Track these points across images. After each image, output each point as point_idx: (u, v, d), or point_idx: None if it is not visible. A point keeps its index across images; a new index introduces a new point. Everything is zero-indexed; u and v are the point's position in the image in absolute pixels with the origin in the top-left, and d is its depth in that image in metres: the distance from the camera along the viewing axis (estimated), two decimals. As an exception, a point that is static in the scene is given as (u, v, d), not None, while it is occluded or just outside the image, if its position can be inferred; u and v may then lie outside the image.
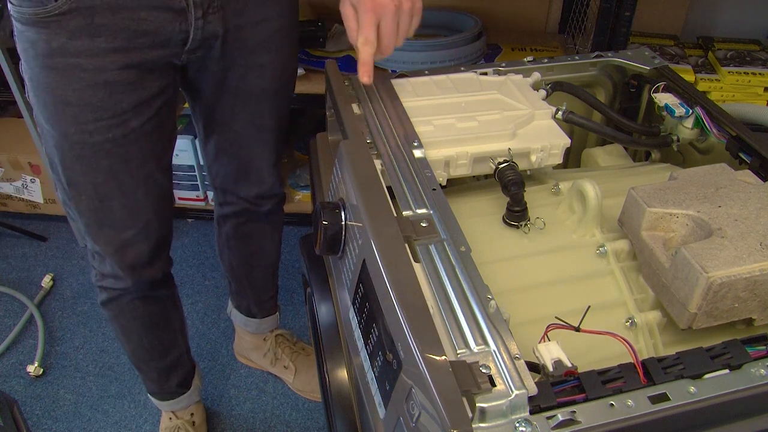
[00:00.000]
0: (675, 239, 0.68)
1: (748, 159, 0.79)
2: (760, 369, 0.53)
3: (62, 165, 0.92)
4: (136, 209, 0.98)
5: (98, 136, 0.88)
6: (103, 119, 0.87)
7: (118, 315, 1.16)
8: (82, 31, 0.81)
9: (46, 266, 1.89)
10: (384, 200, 0.64)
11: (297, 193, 1.99)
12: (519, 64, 0.98)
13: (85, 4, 0.79)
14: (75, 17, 0.80)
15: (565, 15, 1.90)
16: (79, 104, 0.85)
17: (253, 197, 1.21)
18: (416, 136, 0.77)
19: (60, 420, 1.48)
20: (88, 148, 0.89)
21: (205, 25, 0.89)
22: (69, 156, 0.91)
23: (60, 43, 0.81)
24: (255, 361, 1.58)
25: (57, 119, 0.87)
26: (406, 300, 0.54)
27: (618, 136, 0.91)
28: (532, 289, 0.71)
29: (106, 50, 0.83)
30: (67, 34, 0.81)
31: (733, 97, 1.62)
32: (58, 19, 0.79)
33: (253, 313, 1.47)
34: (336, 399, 0.82)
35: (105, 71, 0.84)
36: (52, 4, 0.78)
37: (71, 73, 0.83)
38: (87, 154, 0.90)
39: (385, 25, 0.75)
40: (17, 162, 1.87)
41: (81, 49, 0.82)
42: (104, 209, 0.96)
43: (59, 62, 0.83)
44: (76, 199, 0.95)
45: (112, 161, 0.92)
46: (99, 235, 1.00)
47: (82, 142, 0.89)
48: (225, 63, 0.97)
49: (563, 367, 0.53)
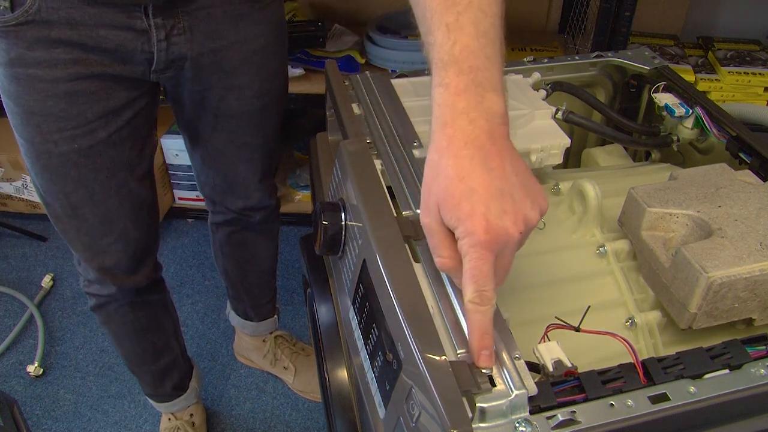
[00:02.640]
0: (675, 239, 0.68)
1: (748, 159, 0.79)
2: (760, 369, 0.52)
3: (33, 172, 0.92)
4: (110, 217, 0.97)
5: (63, 146, 0.87)
6: (67, 129, 0.86)
7: (107, 321, 1.15)
8: (39, 42, 0.80)
9: (46, 266, 1.89)
10: (384, 200, 0.64)
11: (297, 193, 1.98)
12: (519, 64, 0.98)
13: (42, 17, 0.78)
14: (32, 29, 0.79)
15: (565, 15, 1.90)
16: (42, 114, 0.85)
17: (241, 209, 1.20)
18: (416, 136, 0.77)
19: (60, 420, 1.48)
20: (55, 158, 0.88)
21: (169, 47, 0.87)
22: (37, 165, 0.90)
23: (18, 53, 0.81)
24: (255, 362, 1.58)
25: (23, 128, 0.87)
26: (406, 300, 0.54)
27: (618, 136, 0.91)
28: (532, 289, 0.71)
29: (65, 61, 0.82)
30: (25, 45, 0.80)
31: (733, 97, 1.62)
32: (15, 29, 0.79)
33: (250, 317, 1.47)
34: (336, 399, 0.82)
35: (63, 82, 0.83)
36: (9, 15, 0.78)
37: (30, 83, 0.83)
38: (54, 164, 0.89)
39: (502, 262, 0.50)
40: (17, 162, 1.87)
41: (38, 60, 0.81)
42: (77, 217, 0.95)
43: (19, 72, 0.82)
44: (51, 206, 0.95)
45: (81, 171, 0.90)
46: (75, 241, 0.99)
47: (48, 152, 0.88)
48: (202, 84, 0.96)
49: (563, 367, 0.52)
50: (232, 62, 0.95)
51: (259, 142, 1.08)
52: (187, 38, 0.88)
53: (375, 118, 0.82)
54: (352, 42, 1.66)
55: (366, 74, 0.93)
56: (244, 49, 0.95)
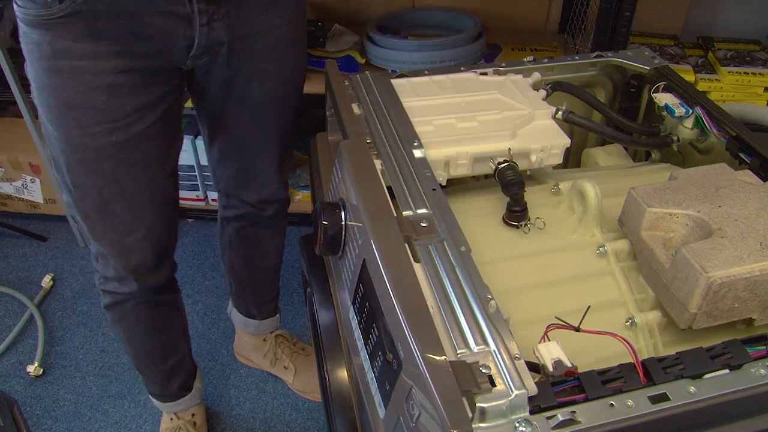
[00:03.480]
0: (675, 239, 0.68)
1: (748, 159, 0.79)
2: (760, 369, 0.52)
3: (66, 167, 0.92)
4: (140, 213, 0.98)
5: (101, 140, 0.88)
6: (106, 122, 0.87)
7: (121, 319, 1.15)
8: (86, 34, 0.81)
9: (46, 266, 1.89)
10: (384, 200, 0.64)
11: (297, 193, 1.98)
12: (519, 64, 0.98)
13: (89, 8, 0.79)
14: (78, 20, 0.80)
15: (565, 15, 1.90)
16: (82, 107, 0.85)
17: (256, 201, 1.21)
18: (416, 136, 0.77)
19: (60, 420, 1.48)
20: (91, 151, 0.89)
21: (210, 31, 0.89)
22: (72, 159, 0.90)
23: (63, 45, 0.81)
24: (255, 362, 1.58)
25: (60, 122, 0.87)
26: (406, 300, 0.54)
27: (618, 136, 0.91)
28: (532, 289, 0.71)
29: (109, 53, 0.83)
30: (71, 37, 0.81)
31: (733, 97, 1.62)
32: (62, 21, 0.79)
33: (253, 315, 1.47)
34: (336, 399, 0.82)
35: (107, 74, 0.84)
36: (57, 6, 0.78)
37: (74, 75, 0.83)
38: (90, 158, 0.90)
39: None
40: (17, 162, 1.87)
41: (84, 52, 0.82)
42: (108, 213, 0.96)
43: (62, 64, 0.83)
44: (81, 202, 0.95)
45: (115, 165, 0.91)
46: (103, 238, 0.99)
47: (85, 146, 0.89)
48: (231, 70, 0.97)
49: (563, 367, 0.52)
50: (261, 48, 0.97)
51: (278, 130, 1.11)
52: (225, 23, 0.90)
53: (375, 118, 0.82)
54: (352, 42, 1.66)
55: (366, 74, 0.93)
56: (271, 35, 0.97)
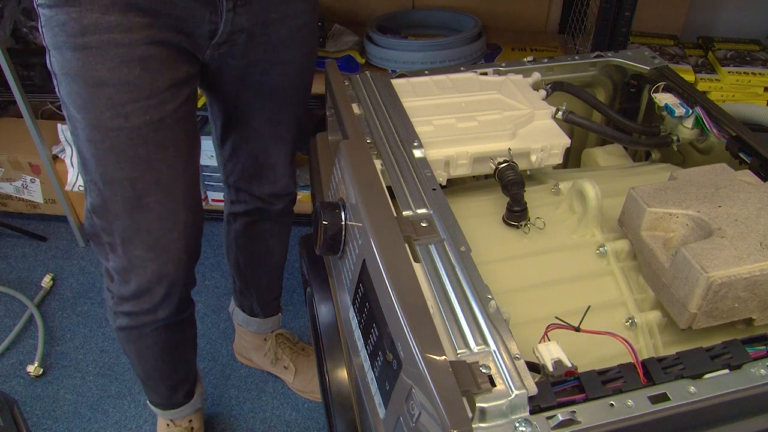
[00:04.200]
0: (675, 239, 0.68)
1: (748, 159, 0.79)
2: (760, 369, 0.53)
3: (95, 159, 0.88)
4: (174, 208, 0.94)
5: (135, 119, 0.86)
6: (140, 100, 0.85)
7: (136, 340, 1.10)
8: (115, 6, 0.80)
9: (46, 266, 1.89)
10: (384, 200, 0.64)
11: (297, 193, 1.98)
12: (519, 64, 0.98)
13: None
14: None
15: (565, 15, 1.90)
16: (114, 83, 0.84)
17: (267, 195, 1.21)
18: (416, 136, 0.77)
19: (60, 420, 1.48)
20: (124, 134, 0.86)
21: (234, 17, 0.89)
22: (102, 147, 0.87)
23: (92, 19, 0.80)
24: (255, 361, 1.58)
25: (90, 105, 0.85)
26: (406, 300, 0.54)
27: (618, 136, 0.91)
28: (532, 289, 0.71)
29: (140, 24, 0.82)
30: (100, 10, 0.80)
31: (733, 97, 1.62)
32: None
33: (256, 313, 1.47)
34: (336, 399, 0.82)
35: (139, 45, 0.83)
36: None
37: (105, 50, 0.82)
38: (122, 142, 0.86)
39: None
40: (17, 162, 1.87)
41: (114, 24, 0.81)
42: (141, 209, 0.91)
43: (92, 40, 0.81)
44: (112, 201, 0.91)
45: (150, 149, 0.88)
46: (135, 241, 0.94)
47: (119, 128, 0.85)
48: (248, 59, 0.97)
49: (563, 367, 0.52)
50: (280, 36, 0.97)
51: (293, 120, 1.11)
52: (248, 9, 0.90)
53: (375, 118, 0.82)
54: (352, 42, 1.67)
55: (366, 74, 0.93)
56: (291, 23, 0.97)
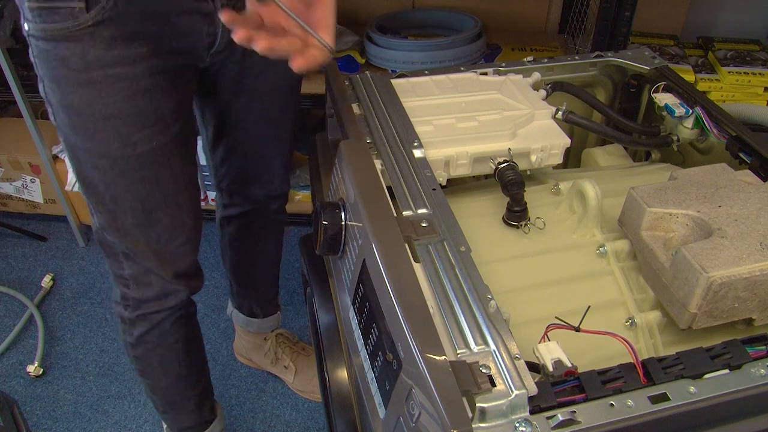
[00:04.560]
0: (675, 239, 0.68)
1: (748, 159, 0.79)
2: (760, 369, 0.53)
3: (104, 185, 0.89)
4: (181, 217, 0.96)
5: (142, 147, 0.86)
6: (146, 128, 0.86)
7: (158, 344, 1.08)
8: (118, 39, 0.79)
9: (46, 266, 1.89)
10: (384, 200, 0.64)
11: (297, 193, 1.98)
12: (519, 64, 0.98)
13: (119, 12, 0.78)
14: (108, 27, 0.78)
15: (565, 15, 1.90)
16: (121, 116, 0.84)
17: (262, 197, 1.21)
18: (416, 136, 0.77)
19: (60, 420, 1.48)
20: (133, 160, 0.87)
21: None
22: (112, 174, 0.88)
23: (96, 54, 0.79)
24: (255, 361, 1.58)
25: (98, 137, 0.85)
26: (406, 300, 0.54)
27: (618, 136, 0.91)
28: (532, 289, 0.71)
29: (143, 55, 0.82)
30: (103, 45, 0.79)
31: (733, 97, 1.62)
32: (92, 30, 0.77)
33: (256, 314, 1.47)
34: (336, 399, 0.82)
35: (143, 77, 0.83)
36: (84, 16, 0.76)
37: (111, 84, 0.81)
38: (132, 167, 0.88)
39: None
40: (17, 162, 1.87)
41: (118, 58, 0.80)
42: (151, 223, 0.93)
43: (97, 75, 0.80)
44: (121, 218, 0.92)
45: (158, 170, 0.90)
46: (146, 252, 0.96)
47: (127, 156, 0.86)
48: (245, 63, 0.97)
49: (563, 367, 0.52)
50: None
51: (288, 119, 1.11)
52: None
53: (375, 118, 0.82)
54: (352, 42, 1.66)
55: (366, 74, 0.93)
56: None
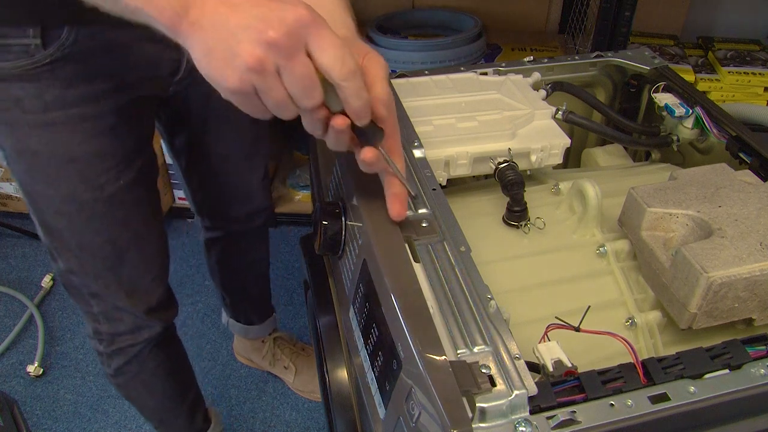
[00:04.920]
0: (675, 239, 0.68)
1: (748, 159, 0.78)
2: (760, 369, 0.52)
3: (70, 231, 0.84)
4: (151, 252, 0.94)
5: (109, 188, 0.82)
6: (112, 167, 0.81)
7: (139, 372, 1.06)
8: (79, 76, 0.74)
9: (46, 266, 1.89)
10: (384, 200, 0.64)
11: (297, 193, 1.98)
12: (519, 64, 0.98)
13: (80, 47, 0.72)
14: (68, 63, 0.72)
15: (565, 15, 1.90)
16: (86, 157, 0.78)
17: (244, 216, 1.19)
18: (416, 136, 0.77)
19: (60, 420, 1.48)
20: (101, 203, 0.82)
21: None
22: (78, 219, 0.83)
23: (55, 94, 0.73)
24: (255, 361, 1.58)
25: (61, 182, 0.79)
26: (406, 300, 0.54)
27: (618, 136, 0.91)
28: (532, 289, 0.71)
29: (105, 92, 0.77)
30: (62, 84, 0.73)
31: (733, 97, 1.62)
32: (50, 68, 0.71)
33: (252, 321, 1.46)
34: (336, 399, 0.82)
35: (108, 115, 0.78)
36: (41, 53, 0.70)
37: (73, 125, 0.76)
38: (100, 211, 0.83)
39: None
40: (17, 162, 1.87)
41: (80, 97, 0.75)
42: (122, 263, 0.89)
43: (57, 116, 0.74)
44: (90, 263, 0.88)
45: (126, 210, 0.86)
46: (118, 293, 0.92)
47: (94, 200, 0.81)
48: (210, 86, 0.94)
49: (563, 367, 0.52)
50: None
51: (262, 133, 1.09)
52: None
53: (375, 118, 0.82)
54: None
55: (366, 74, 0.93)
56: None
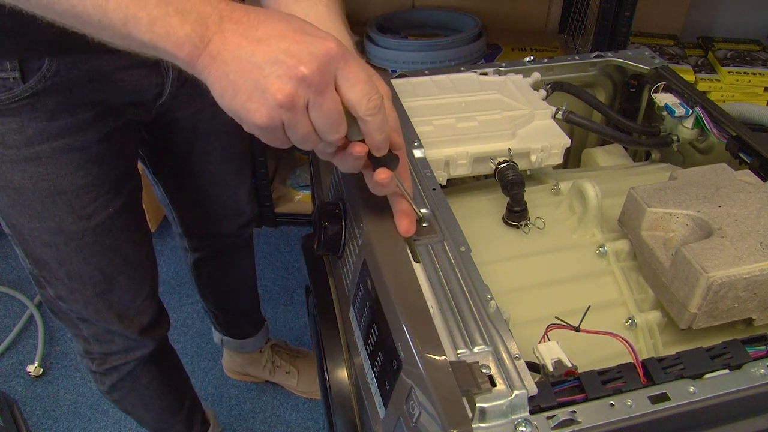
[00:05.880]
0: (675, 239, 0.68)
1: (748, 159, 0.78)
2: (760, 369, 0.52)
3: (58, 262, 0.83)
4: (141, 275, 0.93)
5: (97, 217, 0.81)
6: (101, 196, 0.80)
7: (133, 389, 1.06)
8: (62, 108, 0.72)
9: (46, 266, 1.89)
10: (384, 200, 0.64)
11: (297, 193, 1.98)
12: (519, 64, 0.98)
13: (62, 78, 0.70)
14: (50, 95, 0.70)
15: (565, 15, 1.90)
16: (73, 189, 0.77)
17: (235, 230, 1.18)
18: (416, 136, 0.77)
19: (60, 420, 1.48)
20: (90, 232, 0.81)
21: (180, 74, 0.82)
22: (67, 249, 0.81)
23: (38, 128, 0.71)
24: (253, 374, 1.55)
25: (47, 214, 0.77)
26: (406, 300, 0.54)
27: (618, 136, 0.91)
28: (532, 289, 0.71)
29: (90, 120, 0.75)
30: (44, 117, 0.71)
31: (733, 97, 1.62)
32: (30, 101, 0.69)
33: (248, 333, 1.45)
34: (336, 399, 0.82)
35: (93, 144, 0.76)
36: (21, 86, 0.68)
37: (58, 158, 0.74)
38: (89, 241, 0.82)
39: None
40: (17, 162, 1.87)
41: (64, 128, 0.73)
42: (112, 289, 0.88)
43: (41, 150, 0.72)
44: (80, 292, 0.87)
45: (114, 237, 0.84)
46: (109, 317, 0.91)
47: (82, 230, 0.80)
48: (195, 107, 0.91)
49: (563, 367, 0.52)
50: None
51: (245, 146, 1.08)
52: None
53: (375, 118, 0.82)
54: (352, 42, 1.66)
55: (366, 74, 0.93)
56: None
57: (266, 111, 0.47)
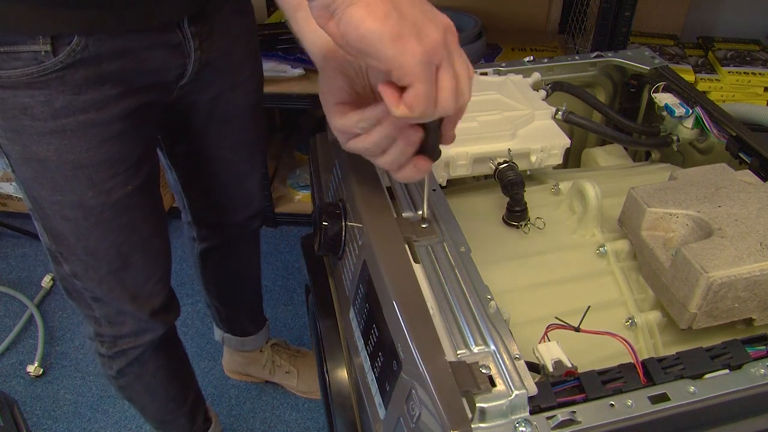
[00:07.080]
0: (675, 239, 0.68)
1: (748, 159, 0.79)
2: (760, 369, 0.53)
3: (76, 236, 0.84)
4: (155, 256, 0.94)
5: (117, 193, 0.82)
6: (120, 173, 0.81)
7: (140, 374, 1.06)
8: (89, 82, 0.73)
9: (46, 266, 1.89)
10: (384, 200, 0.64)
11: (297, 193, 1.98)
12: (519, 64, 0.98)
13: (92, 53, 0.71)
14: (80, 69, 0.72)
15: (565, 15, 1.90)
16: (94, 164, 0.78)
17: (244, 220, 1.19)
18: (416, 136, 0.77)
19: (60, 420, 1.48)
20: (108, 209, 0.82)
21: (201, 55, 0.84)
22: (85, 224, 0.82)
23: (65, 101, 0.72)
24: (253, 375, 1.55)
25: (69, 187, 0.79)
26: (406, 300, 0.54)
27: (618, 136, 0.91)
28: (532, 289, 0.71)
29: (116, 97, 0.77)
30: (72, 90, 0.72)
31: (733, 97, 1.62)
32: (60, 74, 0.71)
33: (249, 332, 1.45)
34: (336, 399, 0.82)
35: (116, 120, 0.78)
36: (52, 60, 0.70)
37: (82, 132, 0.75)
38: (107, 216, 0.83)
39: None
40: (17, 162, 1.87)
41: (90, 103, 0.74)
42: (126, 267, 0.90)
43: (68, 123, 0.74)
44: (95, 268, 0.88)
45: (132, 214, 0.86)
46: (122, 297, 0.93)
47: (101, 205, 0.81)
48: (212, 91, 0.93)
49: (563, 367, 0.53)
50: (239, 58, 0.94)
51: (258, 135, 1.09)
52: (211, 43, 0.86)
53: (375, 118, 0.82)
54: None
55: (366, 74, 0.93)
56: (243, 42, 0.95)
57: (422, 49, 0.47)
